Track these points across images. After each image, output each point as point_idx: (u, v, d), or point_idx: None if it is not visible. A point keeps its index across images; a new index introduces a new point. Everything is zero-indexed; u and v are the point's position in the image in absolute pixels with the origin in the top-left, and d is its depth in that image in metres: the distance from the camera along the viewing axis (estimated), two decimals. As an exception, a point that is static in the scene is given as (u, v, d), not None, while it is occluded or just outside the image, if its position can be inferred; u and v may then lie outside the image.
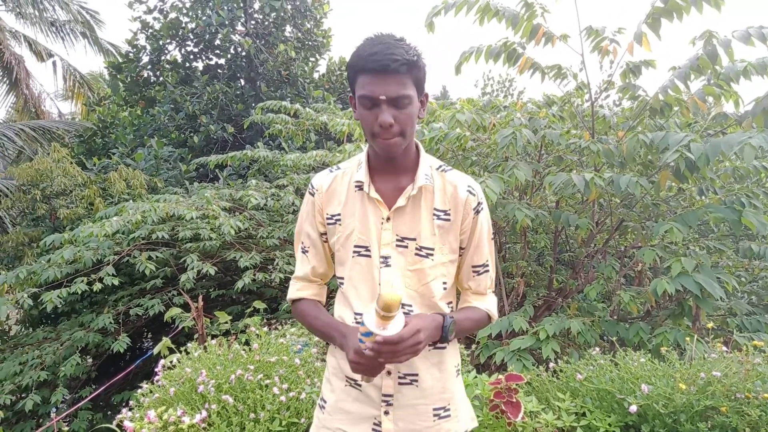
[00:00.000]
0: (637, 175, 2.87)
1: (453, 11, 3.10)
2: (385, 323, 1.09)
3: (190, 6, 8.37)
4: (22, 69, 13.51)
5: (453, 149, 3.61)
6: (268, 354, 2.66)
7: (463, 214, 1.32)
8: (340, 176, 1.36)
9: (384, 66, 1.16)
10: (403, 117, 1.21)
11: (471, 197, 1.32)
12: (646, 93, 3.23)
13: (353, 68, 1.23)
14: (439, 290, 1.31)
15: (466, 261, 1.38)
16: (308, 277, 1.43)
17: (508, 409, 1.97)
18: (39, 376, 4.40)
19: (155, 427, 2.07)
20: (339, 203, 1.34)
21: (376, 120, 1.20)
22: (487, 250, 1.39)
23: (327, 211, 1.35)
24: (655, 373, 2.17)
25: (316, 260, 1.41)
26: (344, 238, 1.32)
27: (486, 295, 1.42)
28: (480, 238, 1.36)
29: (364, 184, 1.30)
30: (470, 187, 1.33)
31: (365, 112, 1.22)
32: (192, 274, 4.41)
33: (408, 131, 1.23)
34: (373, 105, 1.20)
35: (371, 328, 1.09)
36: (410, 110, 1.22)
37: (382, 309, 1.07)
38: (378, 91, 1.18)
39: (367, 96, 1.19)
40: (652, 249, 2.87)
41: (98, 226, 4.24)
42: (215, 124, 7.88)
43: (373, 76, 1.18)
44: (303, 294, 1.43)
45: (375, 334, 1.09)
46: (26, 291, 4.37)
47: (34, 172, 6.01)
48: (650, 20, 2.84)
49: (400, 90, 1.18)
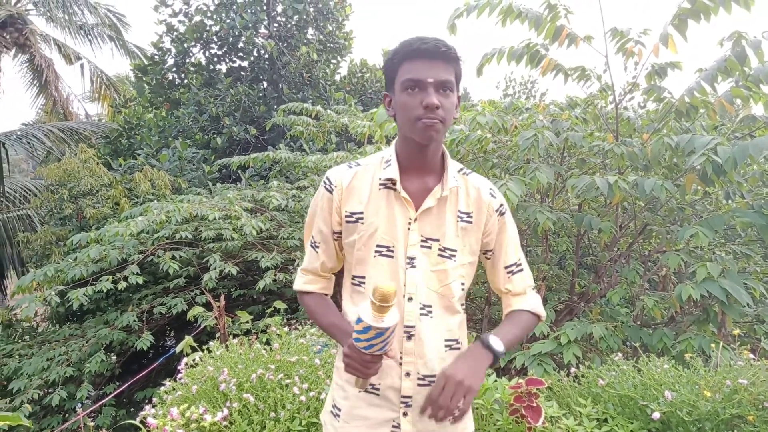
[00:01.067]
0: (662, 179, 2.82)
1: (475, 13, 3.09)
2: (381, 315, 1.08)
3: (215, 9, 8.48)
4: (52, 72, 13.85)
5: (474, 151, 3.60)
6: (288, 354, 2.68)
7: (486, 216, 1.33)
8: (361, 172, 1.34)
9: (434, 48, 1.20)
10: (447, 104, 1.21)
11: (493, 200, 1.34)
12: (672, 95, 3.18)
13: (400, 54, 1.24)
14: (458, 291, 1.32)
15: (499, 263, 1.38)
16: (317, 271, 1.41)
17: (528, 413, 1.96)
18: (65, 372, 4.50)
19: (178, 424, 2.10)
20: (360, 201, 1.31)
21: (420, 103, 1.19)
22: (516, 249, 1.39)
23: (346, 208, 1.32)
24: (679, 380, 2.14)
25: (326, 256, 1.39)
26: (367, 237, 1.29)
27: (526, 294, 1.41)
28: (507, 238, 1.37)
29: (397, 183, 1.28)
30: (491, 190, 1.35)
31: (407, 98, 1.21)
32: (214, 274, 4.46)
33: (448, 120, 1.23)
34: (418, 88, 1.20)
35: (368, 321, 1.08)
36: (453, 99, 1.23)
37: (378, 300, 1.06)
38: (426, 74, 1.19)
39: (413, 79, 1.20)
40: (677, 254, 2.82)
41: (123, 226, 4.32)
42: (238, 125, 7.97)
43: (422, 61, 1.20)
44: (311, 288, 1.42)
45: (373, 327, 1.08)
46: (54, 288, 4.46)
47: (62, 172, 6.14)
48: (676, 21, 2.80)
49: (446, 75, 1.21)
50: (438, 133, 1.22)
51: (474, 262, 1.35)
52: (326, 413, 1.42)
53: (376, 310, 1.08)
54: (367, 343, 1.12)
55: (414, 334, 1.27)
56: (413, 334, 1.27)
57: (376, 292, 1.07)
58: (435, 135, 1.22)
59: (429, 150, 1.28)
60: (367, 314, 1.09)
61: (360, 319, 1.10)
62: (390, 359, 1.27)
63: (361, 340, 1.12)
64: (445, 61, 1.21)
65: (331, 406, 1.39)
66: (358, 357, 1.14)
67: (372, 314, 1.09)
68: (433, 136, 1.22)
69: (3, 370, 4.69)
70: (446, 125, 1.23)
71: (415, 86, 1.20)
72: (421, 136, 1.22)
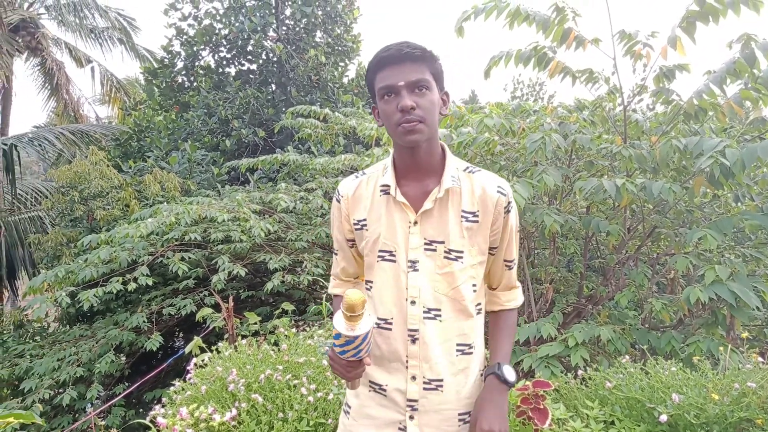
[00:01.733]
0: (671, 181, 2.82)
1: (483, 16, 3.10)
2: (352, 324, 1.12)
3: (224, 13, 8.55)
4: (63, 75, 14.00)
5: (481, 153, 3.60)
6: (296, 355, 2.70)
7: (494, 214, 1.31)
8: (365, 181, 1.37)
9: (397, 52, 1.21)
10: (424, 103, 1.21)
11: (501, 197, 1.31)
12: (680, 97, 3.17)
13: (370, 70, 1.27)
14: (469, 293, 1.30)
15: (500, 259, 1.39)
16: (339, 276, 1.49)
17: (535, 415, 1.96)
18: (76, 372, 4.54)
19: (187, 423, 2.12)
20: (364, 208, 1.34)
21: (396, 108, 1.21)
22: (515, 245, 1.41)
23: (353, 216, 1.36)
24: (686, 383, 2.13)
25: (345, 262, 1.46)
26: (371, 243, 1.32)
27: (515, 287, 1.46)
28: (511, 235, 1.37)
29: (391, 188, 1.29)
30: (500, 187, 1.32)
31: (386, 106, 1.23)
32: (223, 275, 4.49)
33: (430, 119, 1.23)
34: (393, 94, 1.22)
35: (340, 329, 1.12)
36: (430, 97, 1.23)
37: (346, 310, 1.10)
38: (395, 78, 1.21)
39: (385, 86, 1.22)
40: (685, 256, 2.81)
41: (133, 228, 4.36)
42: (247, 128, 8.02)
43: (390, 68, 1.22)
44: (337, 291, 1.49)
45: (343, 335, 1.12)
46: (64, 289, 4.50)
47: (73, 174, 6.20)
48: (685, 24, 2.80)
49: (417, 74, 1.21)
50: (420, 133, 1.22)
51: (484, 261, 1.34)
52: (342, 411, 1.46)
53: (347, 319, 1.11)
54: (341, 349, 1.16)
55: (418, 337, 1.28)
56: (417, 337, 1.28)
57: (344, 302, 1.10)
58: (418, 136, 1.22)
59: (420, 152, 1.28)
60: (339, 322, 1.13)
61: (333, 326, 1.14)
62: (397, 361, 1.28)
63: (336, 345, 1.16)
64: (413, 62, 1.22)
65: (345, 404, 1.43)
66: (336, 359, 1.19)
67: (344, 323, 1.12)
68: (416, 137, 1.22)
69: (15, 369, 4.75)
70: (429, 123, 1.23)
71: (390, 92, 1.22)
72: (404, 139, 1.24)
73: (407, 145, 1.25)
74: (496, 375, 1.28)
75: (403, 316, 1.28)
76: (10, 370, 4.75)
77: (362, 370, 1.22)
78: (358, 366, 1.19)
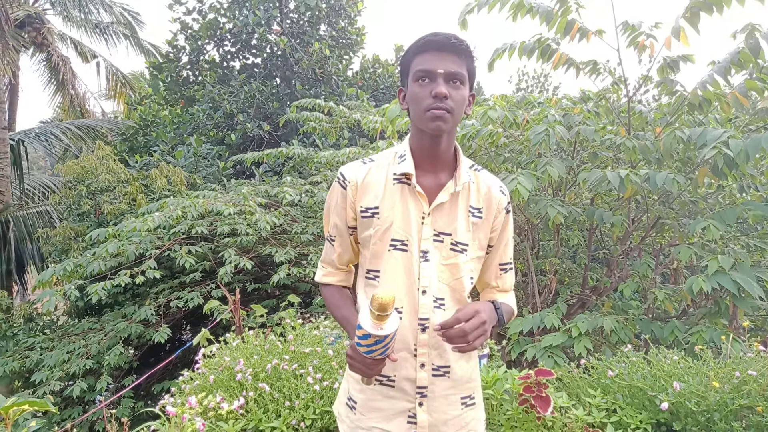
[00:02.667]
0: (675, 172, 2.82)
1: (486, 8, 3.11)
2: (380, 323, 1.10)
3: (228, 7, 8.56)
4: (69, 70, 14.04)
5: (485, 146, 3.62)
6: (302, 345, 2.74)
7: (495, 212, 1.35)
8: (375, 168, 1.36)
9: (445, 40, 1.23)
10: (456, 96, 1.23)
11: (503, 197, 1.37)
12: (684, 88, 3.18)
13: (413, 49, 1.28)
14: (468, 285, 1.34)
15: (495, 259, 1.42)
16: (334, 263, 1.45)
17: (537, 403, 1.99)
18: (85, 365, 4.61)
19: (196, 412, 2.16)
20: (376, 196, 1.33)
21: (430, 94, 1.22)
22: (511, 248, 1.43)
23: (361, 204, 1.34)
24: (688, 371, 2.15)
25: (342, 248, 1.42)
26: (382, 232, 1.31)
27: (510, 292, 1.47)
28: (508, 236, 1.40)
29: (413, 177, 1.30)
30: (501, 187, 1.38)
31: (419, 89, 1.24)
32: (230, 268, 4.53)
33: (457, 112, 1.25)
34: (429, 79, 1.23)
35: (369, 330, 1.10)
36: (463, 92, 1.25)
37: (376, 309, 1.08)
38: (436, 64, 1.23)
39: (424, 69, 1.23)
40: (689, 247, 2.82)
41: (140, 221, 4.40)
42: (251, 122, 8.05)
43: (433, 53, 1.24)
44: (329, 280, 1.46)
45: (373, 335, 1.10)
46: (73, 283, 4.55)
47: (80, 169, 6.25)
48: (688, 14, 2.80)
49: (457, 67, 1.23)
50: (446, 123, 1.23)
51: (482, 257, 1.38)
52: (341, 405, 1.44)
53: (375, 318, 1.09)
54: (368, 349, 1.14)
55: (428, 326, 1.30)
56: (427, 326, 1.30)
57: (374, 302, 1.08)
58: (443, 125, 1.23)
59: (441, 143, 1.29)
60: (366, 322, 1.11)
61: (360, 326, 1.12)
62: (404, 350, 1.30)
63: (361, 345, 1.14)
64: (456, 54, 1.24)
65: (346, 398, 1.41)
66: (360, 359, 1.17)
67: (371, 322, 1.10)
68: (441, 126, 1.23)
69: (26, 362, 4.82)
70: (455, 116, 1.25)
71: (425, 77, 1.23)
72: (430, 125, 1.24)
73: (431, 131, 1.26)
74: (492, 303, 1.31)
75: (413, 306, 1.30)
76: (21, 362, 4.82)
77: (383, 366, 1.21)
78: (381, 363, 1.19)
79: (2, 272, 7.93)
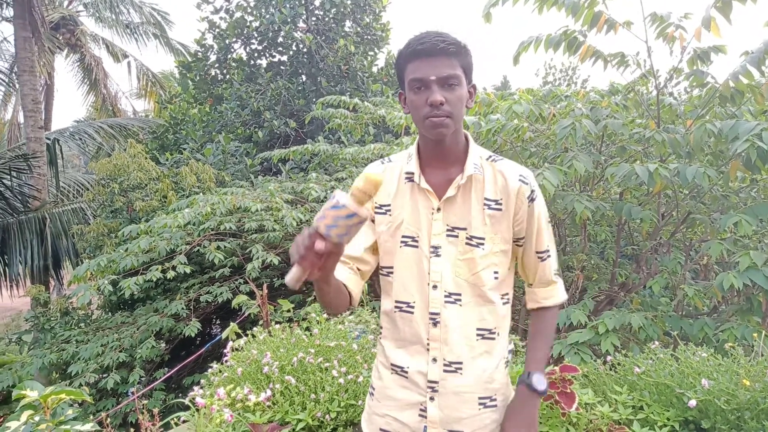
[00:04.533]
0: (706, 166, 2.76)
1: (511, 1, 3.09)
2: (359, 205, 1.05)
3: (254, 5, 8.65)
4: (101, 70, 14.41)
5: (511, 140, 3.59)
6: (327, 339, 2.77)
7: (516, 203, 1.32)
8: (390, 168, 1.39)
9: (432, 46, 1.22)
10: (452, 98, 1.23)
11: (524, 186, 1.32)
12: (716, 80, 3.10)
13: (402, 58, 1.28)
14: (490, 280, 1.32)
15: (531, 250, 1.38)
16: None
17: (562, 399, 1.98)
18: (118, 358, 4.74)
19: (224, 403, 2.21)
20: (388, 194, 1.36)
21: (425, 102, 1.23)
22: (546, 236, 1.39)
23: (377, 200, 1.37)
24: (717, 369, 2.11)
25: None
26: (393, 229, 1.35)
27: (553, 283, 1.43)
28: (539, 225, 1.36)
29: (415, 175, 1.33)
30: (522, 176, 1.33)
31: (415, 97, 1.25)
32: (257, 264, 4.60)
33: (456, 114, 1.25)
34: (423, 87, 1.24)
35: (346, 203, 1.04)
36: (459, 92, 1.25)
37: (365, 187, 1.05)
38: (428, 72, 1.22)
39: (417, 78, 1.24)
40: (720, 242, 2.76)
41: (171, 218, 4.50)
42: (278, 119, 8.13)
43: (422, 60, 1.23)
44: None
45: (347, 208, 1.04)
46: (106, 278, 4.68)
47: (113, 167, 6.42)
48: (720, 3, 2.72)
49: (449, 70, 1.23)
50: (447, 128, 1.25)
51: (507, 250, 1.35)
52: (367, 394, 1.49)
53: (356, 199, 1.05)
54: (332, 222, 1.05)
55: (439, 321, 1.31)
56: (438, 321, 1.31)
57: (366, 180, 1.05)
58: (444, 131, 1.25)
59: (445, 143, 1.30)
60: (345, 197, 1.05)
61: (335, 197, 1.05)
62: (418, 344, 1.32)
63: (325, 217, 1.05)
64: (447, 56, 1.23)
65: (370, 386, 1.46)
66: (301, 237, 1.08)
67: (350, 197, 1.05)
68: (443, 132, 1.25)
69: (62, 354, 4.98)
70: (455, 118, 1.25)
71: (420, 85, 1.24)
72: (431, 133, 1.26)
73: (433, 138, 1.28)
74: (526, 384, 1.32)
75: (425, 300, 1.32)
76: (57, 354, 4.99)
77: (318, 263, 1.10)
78: (320, 252, 1.06)
79: (40, 267, 8.19)
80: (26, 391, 1.87)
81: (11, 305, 11.43)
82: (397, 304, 1.35)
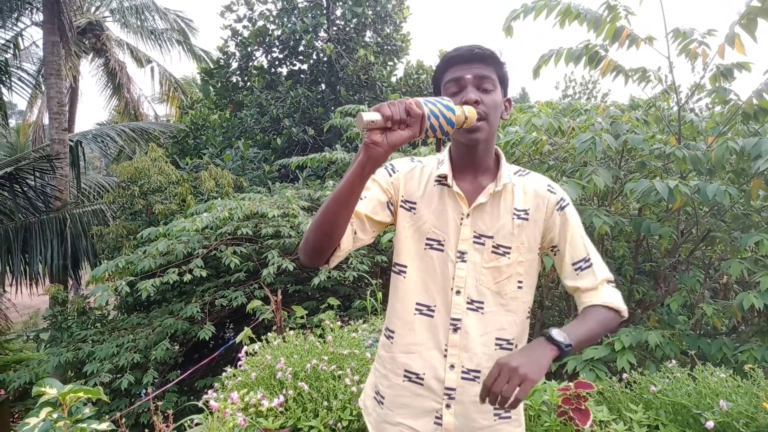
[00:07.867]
0: (727, 183, 2.73)
1: (533, 14, 3.09)
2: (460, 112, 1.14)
3: (277, 14, 8.75)
4: (124, 75, 14.66)
5: (529, 153, 3.59)
6: (341, 347, 2.77)
7: (546, 213, 1.32)
8: (420, 168, 1.38)
9: (468, 52, 1.26)
10: (488, 100, 1.24)
11: (552, 195, 1.33)
12: (738, 97, 3.07)
13: (440, 69, 1.31)
14: (513, 289, 1.31)
15: (565, 259, 1.33)
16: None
17: (576, 416, 1.96)
18: (133, 358, 4.79)
19: (237, 407, 2.23)
20: (416, 193, 1.35)
21: (461, 102, 1.22)
22: (583, 243, 1.33)
23: (403, 193, 1.35)
24: (736, 390, 2.08)
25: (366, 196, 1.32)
26: (417, 228, 1.33)
27: (598, 289, 1.31)
28: (573, 232, 1.32)
29: (448, 178, 1.31)
30: (550, 186, 1.34)
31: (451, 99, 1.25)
32: (272, 269, 4.62)
33: (492, 117, 1.25)
34: (459, 88, 1.25)
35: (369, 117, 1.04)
36: (494, 96, 1.26)
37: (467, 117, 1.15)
38: (464, 73, 1.25)
39: (453, 78, 1.26)
40: (740, 261, 2.72)
41: (189, 222, 4.55)
42: (297, 126, 8.20)
43: (459, 65, 1.26)
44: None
45: (456, 112, 1.12)
46: (124, 279, 4.74)
47: (133, 170, 6.51)
48: (745, 20, 2.71)
49: (484, 71, 1.25)
50: (481, 132, 1.24)
51: (533, 259, 1.33)
52: (368, 398, 1.46)
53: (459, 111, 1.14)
54: (439, 109, 1.09)
55: (460, 327, 1.30)
56: (459, 327, 1.30)
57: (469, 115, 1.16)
58: (478, 135, 1.24)
59: (478, 150, 1.30)
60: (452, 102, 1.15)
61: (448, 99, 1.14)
62: (435, 350, 1.30)
63: (437, 104, 1.09)
64: (483, 62, 1.26)
65: (374, 392, 1.43)
66: (400, 106, 1.05)
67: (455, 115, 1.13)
68: (477, 136, 1.24)
69: (78, 353, 5.04)
70: (490, 123, 1.25)
71: (455, 88, 1.26)
72: (465, 137, 1.26)
73: (467, 142, 1.28)
74: (542, 333, 1.16)
75: (446, 305, 1.31)
76: (74, 353, 5.05)
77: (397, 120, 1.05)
78: (410, 110, 1.05)
79: (59, 267, 8.31)
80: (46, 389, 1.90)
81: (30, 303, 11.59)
82: (418, 306, 1.33)
